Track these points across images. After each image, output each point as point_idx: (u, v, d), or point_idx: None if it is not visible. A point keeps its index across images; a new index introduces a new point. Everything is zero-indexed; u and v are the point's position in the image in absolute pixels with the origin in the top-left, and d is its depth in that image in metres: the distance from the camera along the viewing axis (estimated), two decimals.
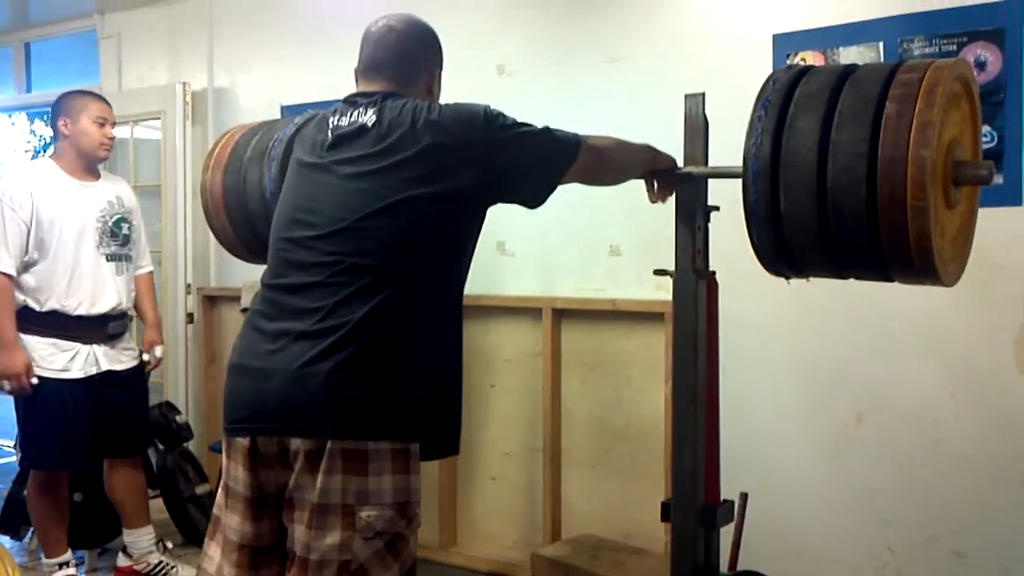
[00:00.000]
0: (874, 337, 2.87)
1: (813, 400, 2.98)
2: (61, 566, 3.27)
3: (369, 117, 1.86)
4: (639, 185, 3.15)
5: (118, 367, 3.28)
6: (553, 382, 3.42)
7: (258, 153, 2.64)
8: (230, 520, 1.83)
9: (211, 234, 2.92)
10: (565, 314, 3.42)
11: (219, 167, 2.72)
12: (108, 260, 3.26)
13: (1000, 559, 2.71)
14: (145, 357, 3.47)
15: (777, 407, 3.05)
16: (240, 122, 4.26)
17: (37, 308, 3.13)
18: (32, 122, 17.79)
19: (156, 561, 3.42)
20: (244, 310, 4.14)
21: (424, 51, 2.02)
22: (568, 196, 2.12)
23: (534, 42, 3.51)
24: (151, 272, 3.58)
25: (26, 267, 3.14)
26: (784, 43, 2.97)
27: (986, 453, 2.73)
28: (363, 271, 1.75)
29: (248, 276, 4.10)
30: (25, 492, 3.49)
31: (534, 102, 3.48)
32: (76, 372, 3.16)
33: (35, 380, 3.10)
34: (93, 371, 3.20)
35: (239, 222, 2.71)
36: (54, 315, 3.14)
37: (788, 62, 2.95)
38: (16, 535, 3.70)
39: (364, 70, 2.00)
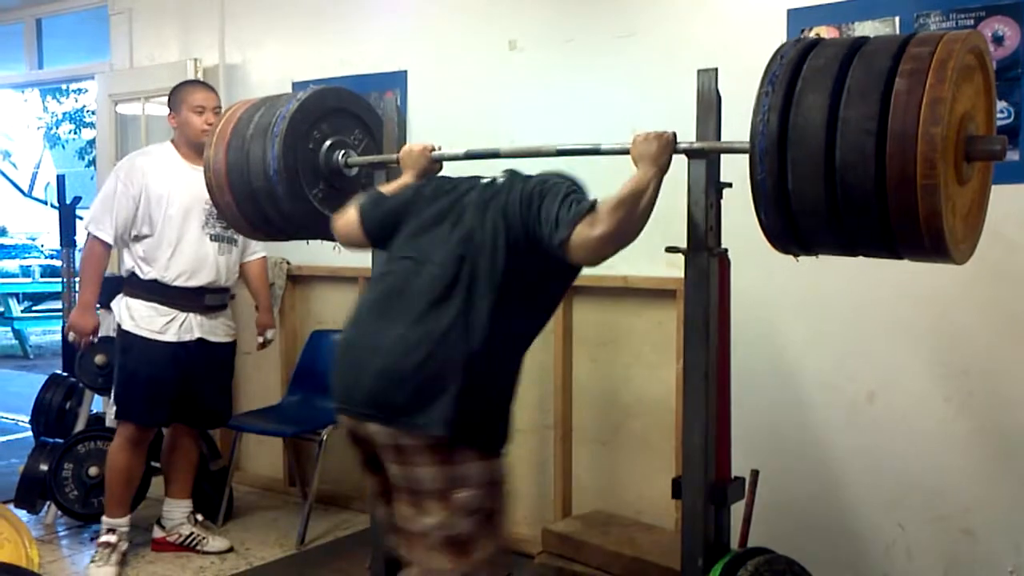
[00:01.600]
0: (886, 314, 2.86)
1: (824, 378, 2.98)
2: (109, 531, 3.32)
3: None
4: None
5: (212, 338, 3.41)
6: (564, 359, 3.42)
7: (261, 129, 2.65)
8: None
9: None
10: (576, 291, 3.41)
11: (222, 143, 2.71)
12: (212, 240, 3.38)
13: (1010, 537, 2.71)
14: (259, 339, 3.71)
15: (788, 385, 3.04)
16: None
17: (141, 276, 3.32)
18: (44, 99, 17.83)
19: (188, 532, 3.52)
20: None
21: None
22: (579, 174, 2.12)
23: (545, 17, 3.48)
24: (263, 257, 3.75)
25: (136, 239, 3.33)
26: (798, 18, 2.94)
27: (997, 431, 2.72)
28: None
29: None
30: (42, 467, 3.57)
31: (545, 78, 3.46)
32: (171, 336, 3.31)
33: (94, 340, 3.40)
34: (187, 337, 3.34)
35: (244, 199, 2.72)
36: (154, 283, 3.31)
37: (803, 37, 2.92)
38: (33, 509, 3.75)
39: None
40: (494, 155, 2.36)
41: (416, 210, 2.19)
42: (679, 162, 2.15)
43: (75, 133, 17.81)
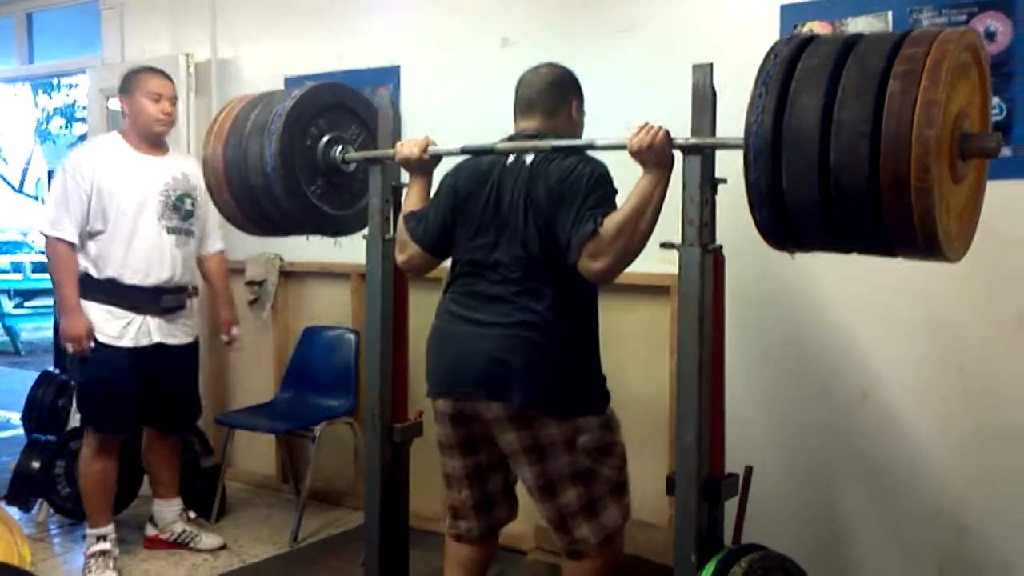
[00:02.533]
0: (880, 312, 2.86)
1: (818, 376, 2.98)
2: (99, 539, 3.28)
3: None
4: None
5: (171, 341, 3.33)
6: None
7: (258, 127, 2.64)
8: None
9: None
10: None
11: (220, 140, 2.70)
12: (169, 233, 3.29)
13: (1004, 535, 2.71)
14: (224, 338, 3.64)
15: (782, 382, 3.04)
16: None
17: (96, 275, 3.22)
18: (36, 94, 17.75)
19: (180, 530, 3.51)
20: (249, 283, 4.15)
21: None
22: None
23: (539, 12, 3.47)
24: (222, 251, 3.63)
25: (90, 235, 3.22)
26: (792, 14, 2.94)
27: (992, 429, 2.72)
28: None
29: (251, 250, 4.10)
30: (34, 465, 3.55)
31: None
32: (127, 341, 3.23)
33: (92, 344, 3.20)
34: (145, 342, 3.26)
35: (242, 196, 2.71)
36: (110, 283, 3.21)
37: (796, 32, 2.92)
38: (25, 507, 3.73)
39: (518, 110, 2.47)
40: (489, 151, 2.36)
41: (462, 213, 2.38)
42: (678, 159, 2.14)
43: (66, 128, 17.72)
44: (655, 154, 2.09)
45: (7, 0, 5.46)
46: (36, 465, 3.62)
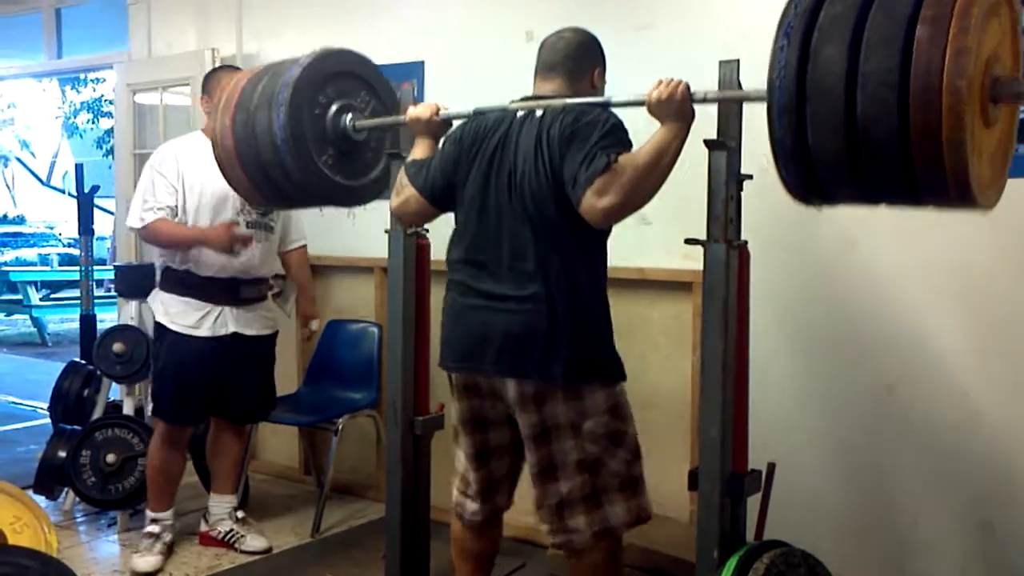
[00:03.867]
0: (906, 305, 2.84)
1: (843, 370, 2.96)
2: (153, 521, 3.32)
3: None
4: None
5: (248, 331, 3.35)
6: None
7: (265, 99, 2.56)
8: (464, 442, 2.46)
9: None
10: None
11: (228, 116, 2.64)
12: (248, 227, 3.30)
13: None
14: (304, 330, 3.73)
15: (806, 377, 3.03)
16: None
17: (175, 268, 3.28)
18: (63, 88, 17.93)
19: (227, 529, 3.46)
20: (274, 276, 4.16)
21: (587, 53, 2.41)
22: None
23: (563, 7, 3.46)
24: (304, 246, 3.66)
25: None
26: None
27: (1019, 423, 2.70)
28: None
29: None
30: (60, 454, 3.58)
31: None
32: (205, 331, 3.26)
33: (240, 228, 3.24)
34: (222, 332, 3.29)
35: (254, 171, 2.65)
36: (188, 275, 3.26)
37: None
38: (51, 495, 3.77)
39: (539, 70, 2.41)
40: (502, 111, 2.33)
41: (465, 165, 2.32)
42: (700, 152, 2.14)
43: (93, 123, 17.90)
44: (675, 106, 2.03)
45: None
46: (62, 454, 3.65)
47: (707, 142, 2.11)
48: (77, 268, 5.21)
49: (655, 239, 3.27)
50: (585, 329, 2.24)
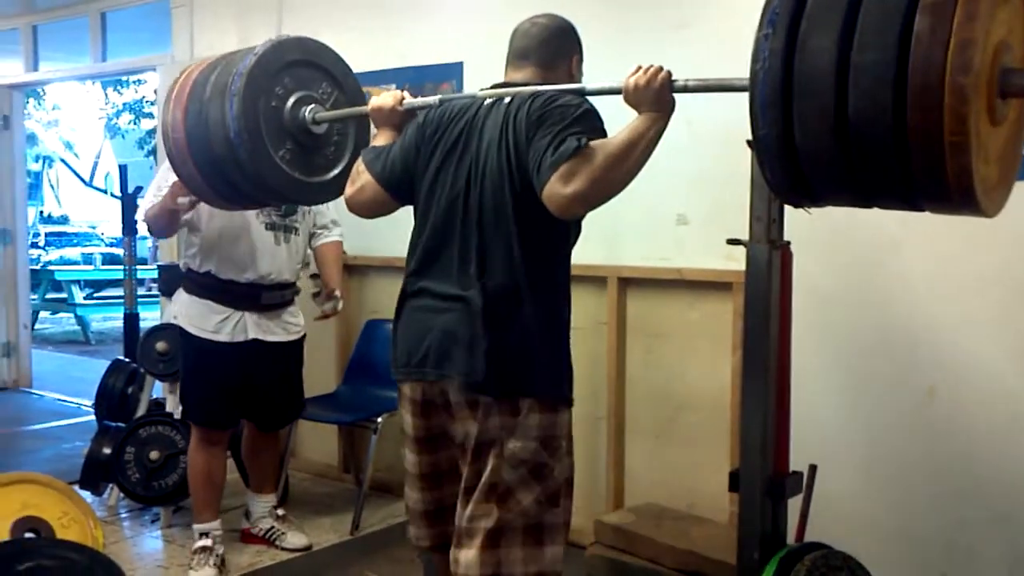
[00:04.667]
0: (950, 307, 2.81)
1: (884, 372, 2.93)
2: (202, 535, 3.23)
3: None
4: (707, 153, 3.12)
5: (269, 338, 3.24)
6: (618, 351, 3.41)
7: (218, 90, 2.39)
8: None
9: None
10: (630, 283, 3.41)
11: (179, 106, 2.46)
12: (267, 229, 3.21)
13: None
14: (324, 308, 3.42)
15: (847, 379, 3.01)
16: None
17: (196, 270, 3.20)
18: (105, 90, 18.23)
19: (268, 526, 3.45)
20: (313, 276, 4.20)
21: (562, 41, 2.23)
22: None
23: (598, 9, 3.46)
24: (337, 242, 3.51)
25: (190, 229, 3.19)
26: None
27: None
28: None
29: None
30: (105, 450, 3.64)
31: (599, 69, 3.43)
32: (224, 336, 3.17)
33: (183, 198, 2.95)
34: (241, 338, 3.19)
35: (207, 166, 2.48)
36: (208, 277, 3.18)
37: None
38: (96, 491, 3.84)
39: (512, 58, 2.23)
40: (471, 98, 2.16)
41: (426, 152, 2.13)
42: (740, 152, 2.12)
43: (135, 124, 18.20)
44: (653, 94, 1.87)
45: (83, 0, 5.62)
46: (107, 451, 3.71)
47: (749, 142, 2.09)
48: (120, 267, 5.31)
49: (694, 239, 3.26)
50: (524, 337, 2.00)
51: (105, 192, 23.27)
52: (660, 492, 3.35)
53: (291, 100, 2.45)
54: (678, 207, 3.28)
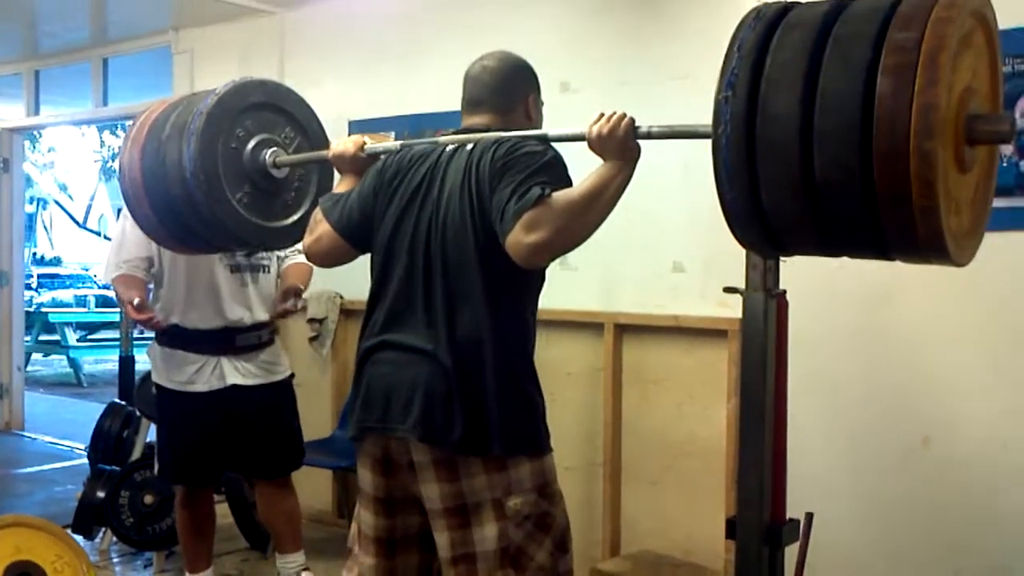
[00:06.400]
0: (944, 356, 2.84)
1: (878, 421, 2.95)
2: None
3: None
4: (703, 200, 3.12)
5: (249, 382, 3.09)
6: (614, 397, 3.43)
7: (177, 130, 2.33)
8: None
9: None
10: (627, 329, 3.44)
11: (136, 147, 2.41)
12: (232, 272, 3.07)
13: None
14: (281, 306, 3.14)
15: (841, 427, 3.02)
16: None
17: (163, 321, 3.04)
18: (101, 133, 18.35)
19: None
20: (310, 320, 4.22)
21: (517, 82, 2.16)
22: (630, 211, 2.11)
23: (599, 59, 3.53)
24: (306, 265, 3.16)
25: (156, 284, 3.08)
26: None
27: None
28: None
29: (312, 288, 4.18)
30: (99, 494, 3.62)
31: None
32: (201, 386, 3.03)
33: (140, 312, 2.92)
34: (219, 385, 3.04)
35: (162, 207, 2.42)
36: (176, 328, 3.04)
37: None
38: (89, 535, 3.82)
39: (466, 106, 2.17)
40: (432, 144, 2.12)
41: (384, 198, 2.06)
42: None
43: None
44: (618, 143, 1.83)
45: (85, 46, 5.70)
46: (101, 495, 3.70)
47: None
48: (112, 310, 5.33)
49: (689, 286, 3.30)
50: (499, 390, 1.93)
51: (98, 234, 23.31)
52: (656, 539, 3.34)
53: (252, 143, 2.41)
54: (674, 254, 3.32)
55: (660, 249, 3.35)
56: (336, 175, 2.38)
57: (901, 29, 1.39)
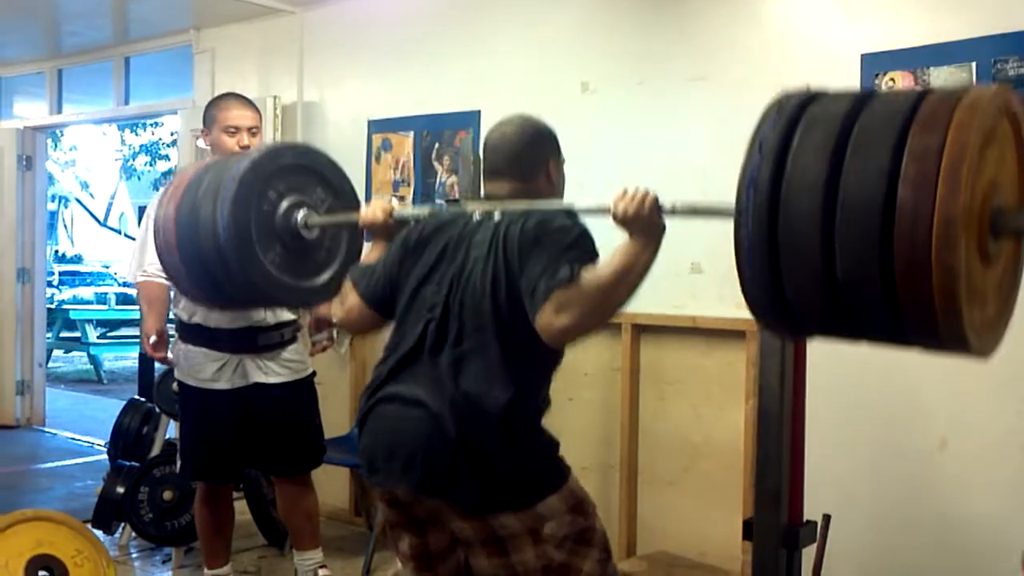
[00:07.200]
0: (960, 360, 2.81)
1: (895, 424, 2.94)
2: None
3: None
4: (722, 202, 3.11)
5: (272, 380, 3.10)
6: (631, 398, 3.43)
7: (212, 189, 2.39)
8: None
9: None
10: (645, 330, 3.44)
11: (173, 203, 2.47)
12: None
13: None
14: (317, 336, 3.25)
15: (858, 429, 3.01)
16: (328, 136, 4.41)
17: (185, 320, 3.08)
18: (122, 132, 18.50)
19: None
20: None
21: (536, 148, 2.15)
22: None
23: (618, 60, 3.54)
24: None
25: None
26: (872, 63, 2.95)
27: None
28: None
29: None
30: (119, 490, 3.66)
31: (617, 120, 3.51)
32: (223, 383, 3.06)
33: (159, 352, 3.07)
34: (241, 383, 3.07)
35: (193, 262, 2.46)
36: (200, 327, 3.06)
37: (876, 83, 2.93)
38: (108, 530, 3.85)
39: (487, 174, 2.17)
40: (460, 212, 2.16)
41: (410, 264, 2.09)
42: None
43: (150, 165, 18.40)
44: (643, 222, 1.82)
45: (107, 45, 5.75)
46: (121, 490, 3.73)
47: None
48: (132, 307, 5.36)
49: (707, 287, 3.30)
50: (522, 442, 1.96)
51: (119, 232, 23.49)
52: (672, 540, 3.34)
53: (284, 204, 2.42)
54: (692, 255, 3.32)
55: (678, 250, 3.29)
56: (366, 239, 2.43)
57: (922, 133, 1.36)
